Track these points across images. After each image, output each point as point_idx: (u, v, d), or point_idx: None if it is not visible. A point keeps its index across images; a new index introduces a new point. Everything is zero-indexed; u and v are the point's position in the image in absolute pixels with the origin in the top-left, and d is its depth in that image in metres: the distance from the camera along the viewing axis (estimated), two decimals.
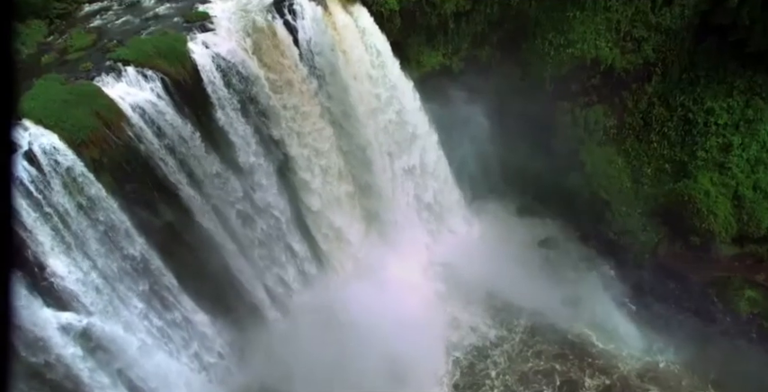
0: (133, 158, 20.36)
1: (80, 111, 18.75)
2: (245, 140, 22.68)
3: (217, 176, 22.25)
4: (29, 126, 17.80)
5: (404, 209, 24.93)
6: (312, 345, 21.59)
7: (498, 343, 23.20)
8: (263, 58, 22.75)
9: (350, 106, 23.13)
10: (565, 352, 22.72)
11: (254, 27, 22.75)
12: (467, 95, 26.71)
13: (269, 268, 23.93)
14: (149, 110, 20.32)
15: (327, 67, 23.00)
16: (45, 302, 17.78)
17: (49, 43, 24.81)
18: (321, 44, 22.55)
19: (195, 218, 22.12)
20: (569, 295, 24.42)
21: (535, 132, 27.27)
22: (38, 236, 17.42)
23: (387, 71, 23.39)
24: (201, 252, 22.54)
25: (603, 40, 24.20)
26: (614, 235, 25.28)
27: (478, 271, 24.85)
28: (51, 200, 17.68)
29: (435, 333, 23.28)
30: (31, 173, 17.30)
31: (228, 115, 22.16)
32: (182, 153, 21.23)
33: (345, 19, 22.71)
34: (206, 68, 21.58)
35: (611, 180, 26.32)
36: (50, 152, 17.69)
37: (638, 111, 26.68)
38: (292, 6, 23.60)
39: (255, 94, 22.63)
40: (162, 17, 24.67)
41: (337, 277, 24.34)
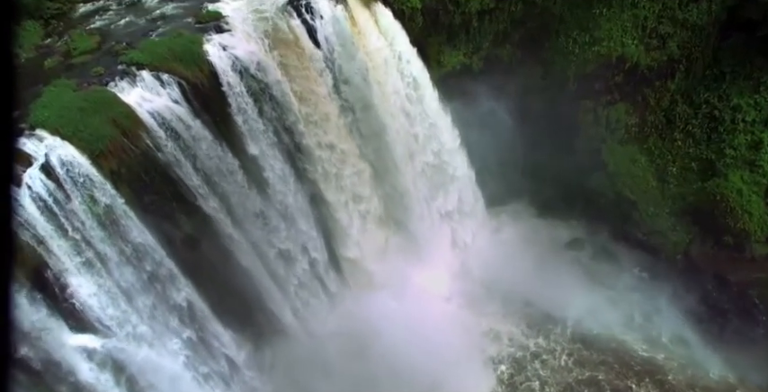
0: (152, 168, 19.41)
1: (97, 120, 17.75)
2: (264, 141, 21.85)
3: (240, 187, 21.38)
4: (44, 136, 16.79)
5: (428, 216, 24.28)
6: (342, 367, 20.88)
7: (538, 352, 22.71)
8: (283, 60, 21.91)
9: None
10: (608, 360, 22.38)
11: (272, 28, 21.91)
12: (487, 95, 26.27)
13: (292, 282, 23.12)
14: (168, 116, 19.39)
15: (354, 75, 22.24)
16: (67, 325, 16.76)
17: (48, 46, 23.63)
18: (344, 52, 21.81)
19: (216, 231, 21.21)
20: (605, 299, 24.14)
21: (557, 132, 26.95)
22: (58, 253, 16.43)
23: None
24: (223, 266, 21.65)
25: (630, 38, 23.96)
26: (643, 235, 25.09)
27: (509, 277, 24.39)
28: (71, 216, 16.68)
29: (471, 346, 22.64)
30: (49, 187, 16.29)
31: (248, 121, 21.29)
32: (201, 161, 20.28)
33: (369, 23, 21.96)
34: (224, 71, 20.69)
35: (636, 179, 26.12)
36: (69, 164, 16.66)
37: (660, 109, 26.52)
38: (310, 5, 22.80)
39: (274, 95, 21.77)
40: (170, 17, 23.66)
41: (361, 292, 23.59)
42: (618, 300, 24.14)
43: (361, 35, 22.00)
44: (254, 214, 22.11)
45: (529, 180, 27.47)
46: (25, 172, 16.05)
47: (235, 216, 21.70)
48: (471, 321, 23.59)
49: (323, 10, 22.32)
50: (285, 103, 22.08)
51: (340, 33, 21.94)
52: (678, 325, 23.14)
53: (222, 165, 20.83)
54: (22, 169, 16.12)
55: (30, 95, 19.11)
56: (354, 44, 21.51)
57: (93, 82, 19.46)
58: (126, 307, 17.85)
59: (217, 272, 21.44)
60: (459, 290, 24.71)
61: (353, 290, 23.73)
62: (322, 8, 22.36)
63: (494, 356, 22.51)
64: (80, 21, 24.96)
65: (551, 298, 24.06)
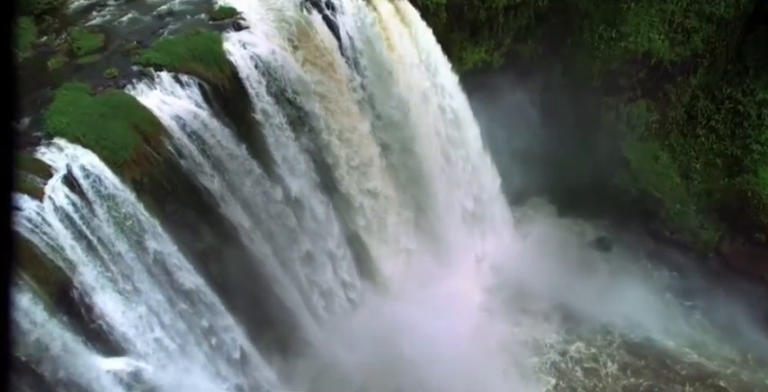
0: (174, 177, 18.41)
1: (119, 126, 16.70)
2: (279, 128, 20.96)
3: (263, 193, 20.46)
4: (65, 146, 15.68)
5: (454, 221, 23.69)
6: (370, 383, 20.19)
7: (581, 359, 22.29)
8: (304, 56, 20.96)
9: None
10: (652, 365, 22.18)
11: (291, 24, 20.96)
12: (507, 92, 25.82)
13: (316, 287, 22.34)
14: (190, 120, 18.40)
15: (374, 70, 21.47)
16: (95, 348, 15.74)
17: (46, 44, 22.31)
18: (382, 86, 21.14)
19: (239, 240, 20.29)
20: (639, 300, 23.94)
21: (579, 129, 26.74)
22: (83, 272, 15.37)
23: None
24: (247, 276, 20.76)
25: (656, 33, 23.79)
26: (671, 233, 25.04)
27: (539, 280, 24.01)
28: (96, 231, 15.65)
29: (508, 357, 22.09)
30: (74, 201, 15.23)
31: (271, 123, 20.35)
32: (225, 168, 19.33)
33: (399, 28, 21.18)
34: (246, 71, 19.70)
35: (660, 176, 26.05)
36: (93, 175, 15.59)
37: (680, 105, 26.48)
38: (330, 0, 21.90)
39: (297, 94, 20.82)
40: (179, 14, 22.55)
41: (388, 298, 22.89)
42: (652, 301, 24.01)
43: (399, 61, 21.04)
44: (278, 220, 21.22)
45: (550, 178, 27.19)
46: (46, 184, 14.95)
47: (259, 224, 20.81)
48: (505, 330, 23.10)
49: (345, 7, 21.38)
50: (300, 81, 21.25)
51: (374, 59, 21.04)
52: (720, 327, 23.05)
53: (244, 170, 19.91)
54: (42, 181, 15.03)
55: (39, 99, 17.95)
56: (392, 76, 20.52)
57: (109, 84, 18.34)
58: (154, 327, 16.88)
59: (242, 283, 20.55)
60: (489, 297, 24.22)
61: (380, 299, 23.00)
62: (345, 7, 21.34)
63: (535, 366, 21.92)
64: (76, 17, 23.63)
65: (585, 300, 23.78)
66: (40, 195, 14.66)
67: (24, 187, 14.47)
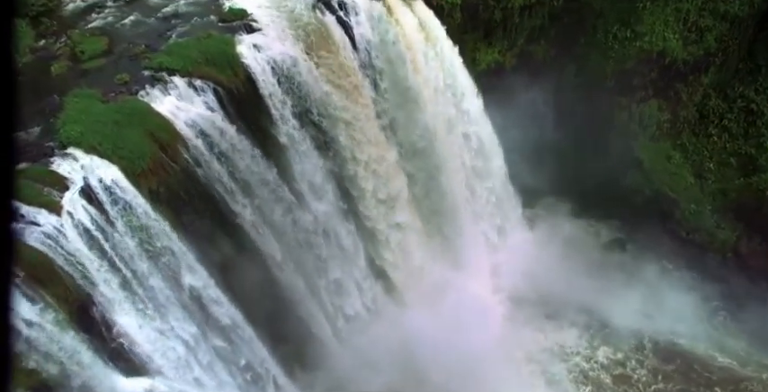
0: (192, 186, 17.83)
1: (135, 134, 16.11)
2: (304, 153, 20.39)
3: (279, 201, 19.90)
4: (80, 156, 15.05)
5: (469, 225, 23.35)
6: None
7: (608, 365, 22.06)
8: (319, 60, 20.41)
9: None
10: (682, 369, 22.06)
11: (304, 25, 20.40)
12: (519, 93, 25.60)
13: (334, 296, 21.84)
14: (206, 127, 17.82)
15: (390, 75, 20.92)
16: (116, 367, 15.15)
17: (45, 48, 21.56)
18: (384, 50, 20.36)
19: (256, 248, 19.74)
20: (660, 302, 23.86)
21: (591, 129, 26.66)
22: (103, 289, 14.77)
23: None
24: (263, 284, 20.22)
25: (671, 32, 23.75)
26: (687, 234, 25.04)
27: (558, 284, 23.77)
28: (116, 245, 15.03)
29: (537, 365, 21.75)
30: (92, 214, 14.64)
31: (288, 129, 19.81)
32: (242, 174, 18.77)
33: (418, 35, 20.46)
34: (261, 75, 19.15)
35: (674, 176, 26.05)
36: (111, 187, 14.98)
37: (692, 104, 26.53)
38: (343, 1, 21.34)
39: (314, 101, 20.27)
40: (185, 15, 21.92)
41: (404, 305, 22.46)
42: (675, 303, 23.94)
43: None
44: (293, 224, 20.65)
45: (563, 178, 27.06)
46: (63, 197, 14.32)
47: (275, 230, 20.25)
48: (529, 337, 22.80)
49: (361, 18, 20.44)
50: (322, 102, 20.63)
51: (397, 82, 20.16)
52: (747, 329, 23.04)
53: (260, 177, 19.33)
54: (59, 194, 14.40)
55: (47, 107, 17.27)
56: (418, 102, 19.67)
57: (121, 91, 17.70)
58: (176, 345, 16.30)
59: (259, 292, 20.03)
60: (507, 302, 23.92)
61: (396, 305, 22.58)
62: (362, 19, 20.39)
63: (562, 374, 21.58)
64: (74, 19, 22.87)
65: (607, 303, 23.64)
66: (57, 209, 14.04)
67: (42, 201, 13.85)
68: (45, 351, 12.89)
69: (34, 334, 12.35)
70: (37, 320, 12.43)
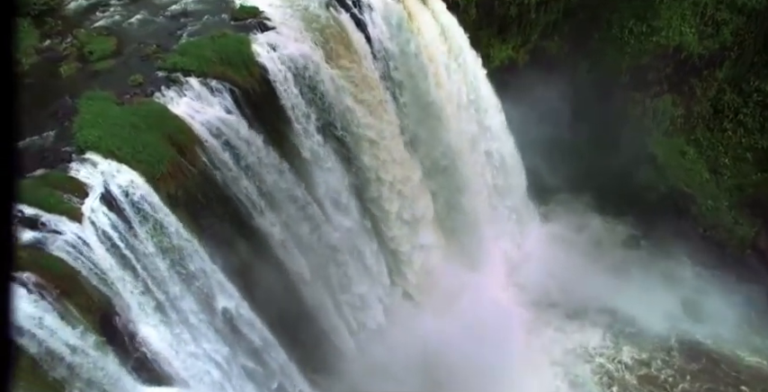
0: (210, 189, 17.50)
1: (153, 138, 15.77)
2: (329, 169, 19.99)
3: (293, 201, 19.56)
4: (99, 161, 14.66)
5: (489, 239, 23.04)
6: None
7: (633, 365, 21.88)
8: (341, 72, 19.71)
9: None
10: (709, 368, 21.94)
11: (322, 28, 19.95)
12: (532, 90, 25.36)
13: (358, 311, 21.50)
14: (223, 129, 17.49)
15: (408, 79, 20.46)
16: (140, 378, 14.84)
17: (51, 48, 21.10)
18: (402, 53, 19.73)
19: (274, 253, 19.45)
20: (680, 300, 23.76)
21: (604, 125, 26.52)
22: (125, 297, 14.46)
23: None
24: (283, 290, 19.95)
25: (688, 26, 23.57)
26: (704, 230, 24.96)
27: (576, 283, 23.61)
28: (138, 253, 14.71)
29: (561, 367, 21.50)
30: (113, 221, 14.28)
31: (304, 128, 19.47)
32: (259, 175, 18.45)
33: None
34: (277, 75, 18.78)
35: (689, 172, 25.95)
36: (131, 193, 14.63)
37: (706, 99, 26.44)
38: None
39: (337, 114, 19.76)
40: (194, 14, 21.53)
41: (423, 311, 22.17)
42: (694, 301, 23.86)
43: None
44: (310, 227, 20.33)
45: (577, 174, 26.95)
46: (83, 204, 13.96)
47: (292, 232, 19.93)
48: (551, 338, 22.60)
49: (377, 22, 19.64)
50: (338, 103, 20.20)
51: (418, 97, 19.29)
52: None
53: (278, 178, 18.98)
54: (78, 201, 14.04)
55: (59, 110, 16.86)
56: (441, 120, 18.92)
57: (136, 92, 17.32)
58: (199, 354, 16.01)
59: (280, 300, 19.75)
60: (527, 304, 23.67)
61: (416, 312, 22.26)
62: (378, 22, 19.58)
63: (587, 376, 21.33)
64: (78, 18, 22.42)
65: (626, 301, 23.54)
66: (78, 217, 13.70)
67: (62, 208, 13.51)
68: (88, 378, 12.61)
69: (78, 359, 12.06)
70: (80, 345, 12.14)
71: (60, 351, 11.70)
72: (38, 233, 12.93)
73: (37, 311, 11.77)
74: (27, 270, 12.19)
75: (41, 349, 11.56)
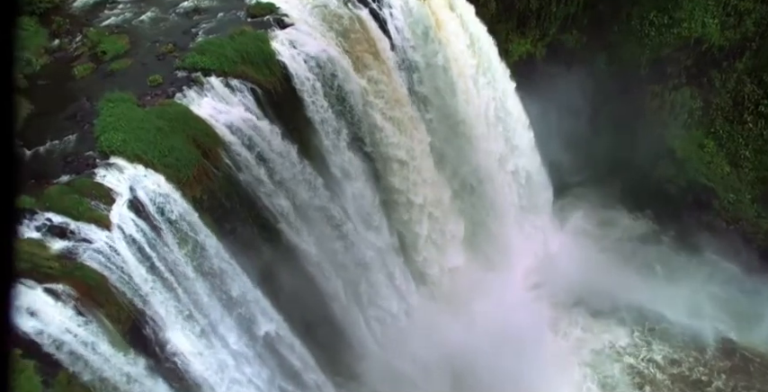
0: (234, 192, 17.16)
1: (178, 141, 15.41)
2: (340, 152, 19.67)
3: (312, 189, 19.12)
4: (124, 166, 14.29)
5: (507, 223, 22.79)
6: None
7: (664, 364, 21.64)
8: (362, 70, 19.22)
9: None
10: (742, 365, 21.77)
11: (340, 24, 19.54)
12: (550, 84, 25.11)
13: (372, 301, 21.31)
14: (245, 130, 17.13)
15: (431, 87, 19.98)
16: (172, 388, 14.57)
17: (62, 48, 20.67)
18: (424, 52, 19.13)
19: (298, 255, 19.16)
20: (708, 297, 23.62)
21: (622, 118, 26.27)
22: (155, 306, 14.15)
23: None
24: (307, 294, 19.69)
25: (710, 17, 23.31)
26: (728, 224, 24.80)
27: (599, 280, 23.39)
28: (167, 260, 14.38)
29: (590, 368, 21.24)
30: (142, 228, 13.94)
31: (326, 129, 19.11)
32: (283, 178, 18.12)
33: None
34: (299, 73, 18.40)
35: (709, 166, 25.78)
36: (159, 198, 14.29)
37: (725, 91, 26.20)
38: None
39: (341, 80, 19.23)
40: (208, 11, 21.11)
41: (442, 304, 21.96)
42: (723, 296, 23.67)
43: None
44: (332, 227, 20.00)
45: (593, 168, 26.75)
46: (111, 211, 13.62)
47: (314, 233, 19.61)
48: (578, 338, 22.37)
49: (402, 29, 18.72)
50: (356, 102, 19.81)
51: (446, 114, 18.47)
52: None
53: (301, 178, 18.60)
54: (106, 208, 13.69)
55: (78, 113, 16.46)
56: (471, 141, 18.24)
57: (156, 93, 16.92)
58: (230, 362, 15.74)
59: (304, 303, 19.49)
60: (553, 304, 23.42)
61: (436, 306, 22.09)
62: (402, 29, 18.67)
63: (617, 376, 21.06)
64: (86, 16, 21.96)
65: (651, 298, 23.38)
66: (107, 224, 13.36)
67: (91, 216, 13.17)
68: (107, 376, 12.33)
69: (137, 388, 11.79)
70: (134, 372, 11.86)
71: (115, 381, 11.41)
72: (68, 242, 12.61)
73: (88, 336, 11.46)
74: (61, 281, 11.89)
75: (95, 377, 11.29)
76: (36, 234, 12.38)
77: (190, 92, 16.79)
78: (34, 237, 12.27)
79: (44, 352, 10.66)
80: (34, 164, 14.50)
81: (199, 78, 17.06)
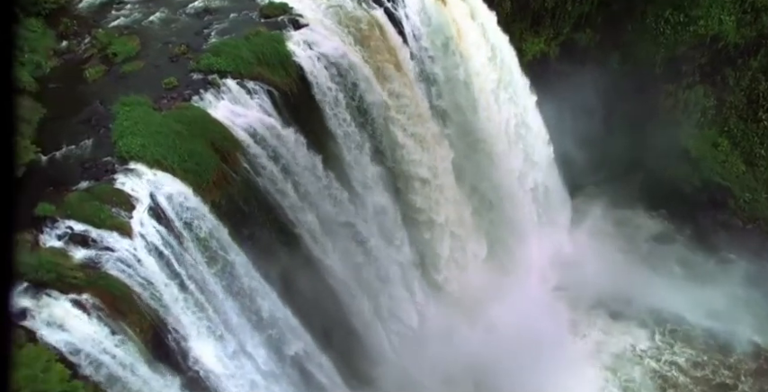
0: (252, 196, 16.91)
1: (198, 145, 15.16)
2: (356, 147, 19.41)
3: (337, 203, 18.97)
4: (143, 171, 14.03)
5: (526, 238, 22.54)
6: None
7: (687, 367, 21.34)
8: (382, 81, 18.80)
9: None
10: (766, 368, 21.49)
11: (355, 23, 19.25)
12: (563, 83, 24.93)
13: (392, 313, 21.06)
14: (263, 132, 16.86)
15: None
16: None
17: (70, 50, 20.37)
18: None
19: (315, 259, 18.92)
20: (729, 297, 23.40)
21: (636, 119, 26.14)
22: (178, 315, 13.90)
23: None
24: (324, 298, 19.46)
25: (727, 14, 23.17)
26: (743, 223, 24.70)
27: (614, 282, 23.19)
28: (188, 267, 14.13)
29: (611, 372, 21.00)
30: (163, 234, 13.66)
31: (344, 130, 18.84)
32: (300, 181, 17.87)
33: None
34: (314, 74, 18.14)
35: (724, 165, 25.66)
36: (180, 204, 14.03)
37: (739, 89, 26.10)
38: None
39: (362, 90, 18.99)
40: (219, 11, 20.83)
41: (458, 310, 21.73)
42: (744, 298, 23.47)
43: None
44: (349, 232, 19.78)
45: (606, 167, 26.61)
46: (132, 218, 13.35)
47: (331, 236, 19.37)
48: (597, 341, 22.14)
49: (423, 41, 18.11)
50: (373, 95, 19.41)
51: (467, 130, 18.00)
52: None
53: (326, 193, 18.25)
54: (127, 215, 13.42)
55: (93, 117, 16.16)
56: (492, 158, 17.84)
57: (172, 96, 16.64)
58: (252, 371, 15.51)
59: (322, 308, 19.27)
60: (571, 306, 23.19)
61: (452, 313, 21.84)
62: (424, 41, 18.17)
63: (638, 380, 20.76)
64: (93, 17, 21.65)
65: (670, 299, 23.19)
66: (128, 231, 13.10)
67: (112, 223, 12.90)
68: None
69: None
70: None
71: None
72: (90, 250, 12.34)
73: (127, 357, 11.21)
74: (86, 291, 11.64)
75: None
76: (58, 242, 12.12)
77: (207, 94, 16.52)
78: (57, 246, 12.01)
79: (81, 375, 10.41)
80: (51, 169, 14.22)
81: (215, 80, 16.79)
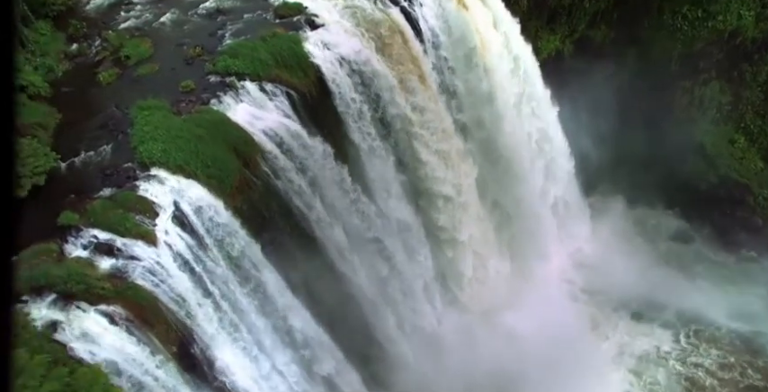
0: (273, 201, 16.66)
1: (219, 150, 14.90)
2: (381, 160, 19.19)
3: (354, 203, 18.69)
4: (166, 178, 13.77)
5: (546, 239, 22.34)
6: None
7: (713, 369, 21.01)
8: (394, 66, 18.64)
9: None
10: None
11: (371, 22, 18.99)
12: (578, 81, 24.68)
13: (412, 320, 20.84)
14: (283, 135, 16.60)
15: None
16: None
17: (82, 53, 20.13)
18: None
19: (334, 263, 18.70)
20: (754, 296, 23.11)
21: (652, 116, 25.90)
22: (203, 323, 13.67)
23: None
24: (342, 300, 19.25)
25: (746, 9, 22.95)
26: (763, 221, 24.54)
27: (634, 282, 22.97)
28: (213, 274, 13.90)
29: (634, 375, 20.75)
30: (187, 241, 13.42)
31: (362, 132, 18.60)
32: (320, 185, 17.63)
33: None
34: (333, 76, 17.89)
35: (741, 161, 25.49)
36: (204, 211, 13.79)
37: (756, 84, 25.91)
38: None
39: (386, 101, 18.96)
40: (232, 12, 20.56)
41: (478, 315, 21.51)
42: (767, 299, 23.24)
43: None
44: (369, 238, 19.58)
45: (620, 165, 26.40)
46: (156, 226, 13.11)
47: (351, 240, 19.15)
48: (620, 343, 21.87)
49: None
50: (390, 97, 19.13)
51: (489, 146, 17.80)
52: None
53: (354, 209, 17.99)
54: (151, 223, 13.17)
55: (110, 122, 15.89)
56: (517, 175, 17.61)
57: (191, 100, 16.36)
58: (278, 382, 15.30)
59: (341, 310, 19.06)
60: (594, 308, 22.92)
61: (472, 318, 21.61)
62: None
63: (664, 383, 20.45)
64: (102, 18, 21.37)
65: (691, 299, 22.96)
66: (153, 239, 12.86)
67: (137, 232, 12.65)
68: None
69: None
70: None
71: None
72: (116, 260, 12.10)
73: (169, 380, 10.99)
74: (114, 302, 11.40)
75: None
76: (84, 252, 11.88)
77: (225, 97, 16.25)
78: (83, 256, 11.76)
79: None
80: (71, 177, 13.97)
81: (233, 83, 16.53)
